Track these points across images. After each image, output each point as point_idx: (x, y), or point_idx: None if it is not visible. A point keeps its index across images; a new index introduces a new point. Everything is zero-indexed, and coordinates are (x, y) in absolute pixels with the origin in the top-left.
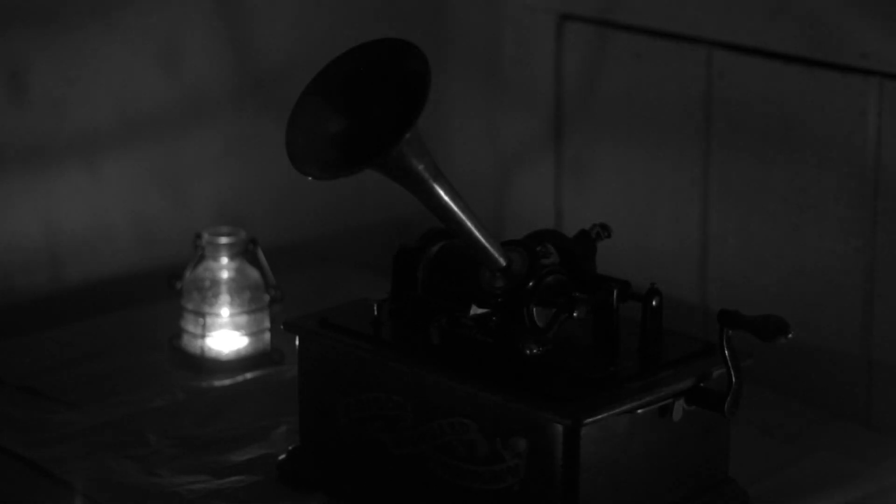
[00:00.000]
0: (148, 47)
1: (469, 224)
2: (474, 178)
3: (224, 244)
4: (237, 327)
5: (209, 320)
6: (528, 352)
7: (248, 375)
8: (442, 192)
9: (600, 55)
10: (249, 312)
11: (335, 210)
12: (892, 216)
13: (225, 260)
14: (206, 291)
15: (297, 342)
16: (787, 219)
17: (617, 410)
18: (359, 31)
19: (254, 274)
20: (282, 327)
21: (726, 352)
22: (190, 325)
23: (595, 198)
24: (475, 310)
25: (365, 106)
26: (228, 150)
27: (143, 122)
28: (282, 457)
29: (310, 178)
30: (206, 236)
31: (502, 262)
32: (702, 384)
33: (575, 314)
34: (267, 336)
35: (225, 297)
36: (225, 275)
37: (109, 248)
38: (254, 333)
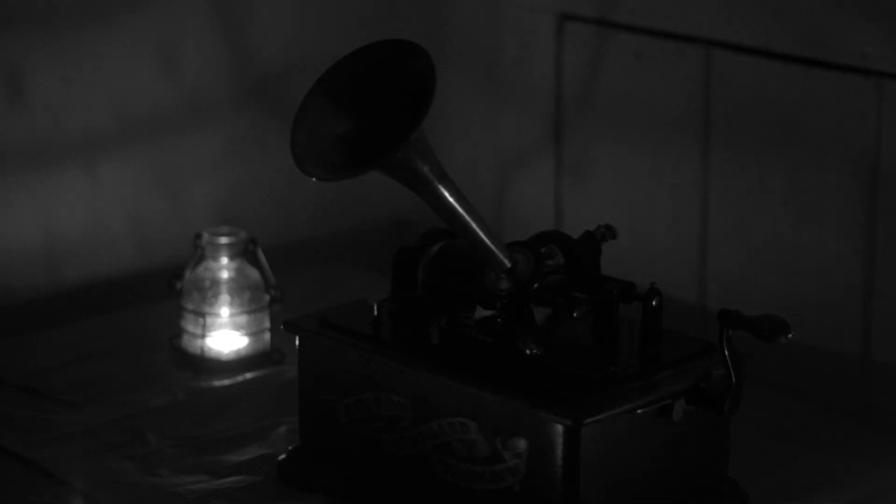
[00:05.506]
0: (146, 48)
1: (474, 225)
2: (474, 178)
3: (224, 244)
4: (237, 327)
5: (209, 320)
6: (528, 352)
7: (248, 375)
8: (447, 194)
9: (600, 55)
10: (249, 312)
11: (335, 210)
12: (893, 216)
13: (225, 260)
14: (206, 291)
15: (297, 342)
16: (787, 219)
17: (617, 410)
18: (358, 31)
19: (254, 274)
20: (282, 327)
21: (726, 352)
22: (190, 325)
23: (595, 198)
24: (480, 311)
25: (370, 107)
26: (227, 151)
27: (142, 123)
28: (282, 457)
29: (314, 180)
30: (206, 236)
31: (507, 263)
32: (702, 384)
33: (574, 314)
34: (267, 336)
35: (225, 297)
36: (225, 275)
37: (108, 250)
38: (254, 333)
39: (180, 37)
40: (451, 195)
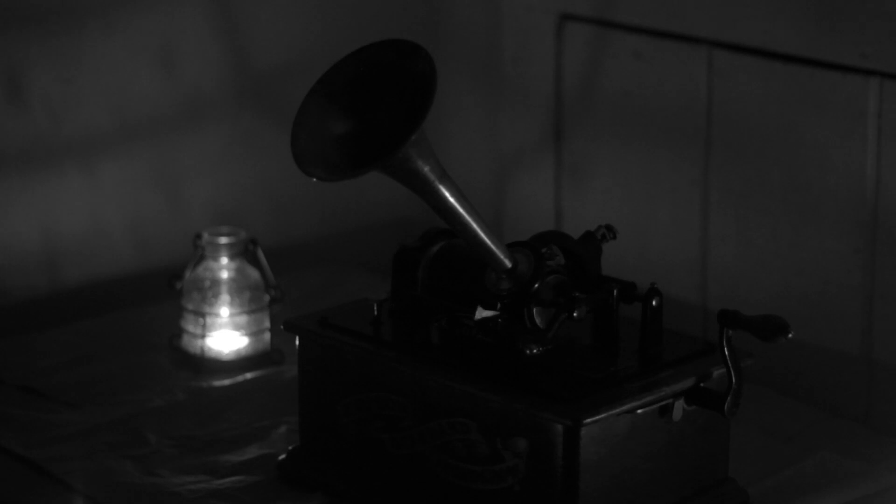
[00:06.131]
0: (146, 49)
1: (475, 226)
2: (474, 178)
3: (224, 244)
4: (237, 327)
5: (209, 320)
6: (528, 352)
7: (248, 375)
8: (447, 194)
9: (600, 55)
10: (249, 312)
11: (335, 210)
12: (892, 216)
13: (225, 260)
14: (206, 291)
15: (297, 342)
16: (787, 219)
17: (617, 410)
18: (357, 31)
19: (254, 274)
20: (282, 327)
21: (726, 352)
22: (190, 325)
23: (595, 198)
24: (481, 312)
25: (370, 107)
26: (227, 151)
27: (141, 124)
28: (282, 457)
29: (314, 180)
30: (206, 236)
31: (508, 263)
32: (702, 384)
33: (575, 314)
34: (267, 336)
35: (225, 297)
36: (225, 275)
37: (107, 250)
38: (254, 333)
39: (180, 37)
40: (452, 195)
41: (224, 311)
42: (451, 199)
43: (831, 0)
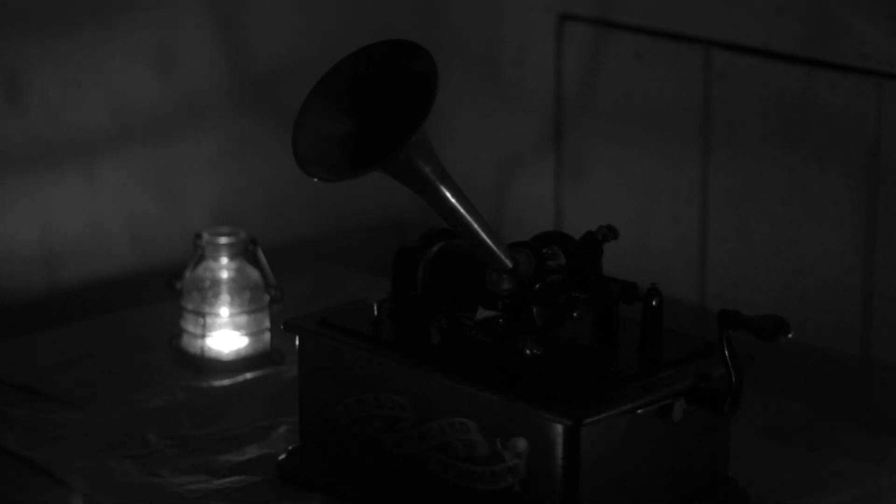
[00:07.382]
0: (144, 50)
1: (476, 226)
2: (474, 178)
3: (224, 244)
4: (237, 327)
5: (209, 320)
6: (528, 352)
7: (248, 375)
8: (448, 194)
9: (600, 55)
10: (249, 312)
11: (334, 210)
12: (893, 216)
13: (225, 260)
14: (206, 291)
15: (297, 342)
16: (787, 219)
17: (617, 410)
18: (357, 31)
19: (254, 274)
20: (282, 327)
21: (726, 352)
22: (190, 325)
23: (595, 198)
24: (482, 312)
25: (371, 107)
26: (225, 152)
27: (140, 125)
28: (282, 457)
29: (315, 180)
30: (206, 236)
31: (508, 263)
32: (702, 384)
33: (575, 314)
34: (267, 336)
35: (225, 297)
36: (225, 275)
37: (106, 251)
38: (254, 333)
39: (178, 38)
40: (453, 195)
41: (224, 311)
42: (452, 199)
43: (831, 0)
